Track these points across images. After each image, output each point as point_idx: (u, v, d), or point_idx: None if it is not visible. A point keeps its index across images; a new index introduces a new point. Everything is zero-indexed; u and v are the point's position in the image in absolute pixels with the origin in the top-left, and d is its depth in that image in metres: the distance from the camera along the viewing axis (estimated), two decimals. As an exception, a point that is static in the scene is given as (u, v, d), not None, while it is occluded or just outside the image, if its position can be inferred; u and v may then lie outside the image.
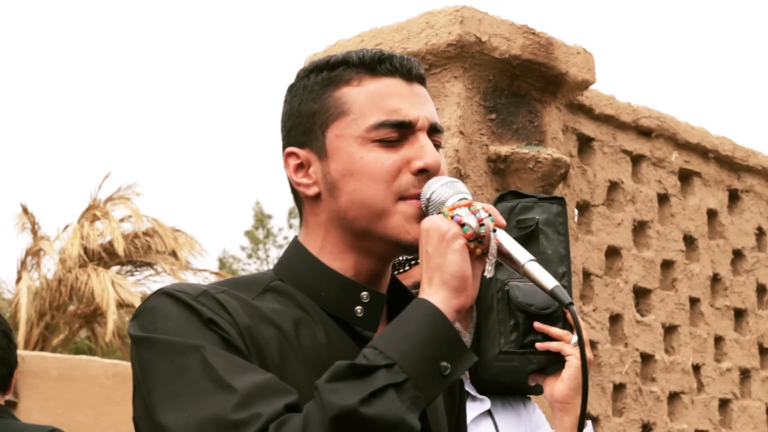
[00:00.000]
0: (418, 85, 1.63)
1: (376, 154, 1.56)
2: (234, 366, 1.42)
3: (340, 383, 1.38)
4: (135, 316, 1.51)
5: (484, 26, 4.36)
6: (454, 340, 1.44)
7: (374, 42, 4.46)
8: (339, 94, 1.59)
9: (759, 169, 5.98)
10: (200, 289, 1.50)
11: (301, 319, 1.54)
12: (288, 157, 1.62)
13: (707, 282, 5.71)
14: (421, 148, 1.57)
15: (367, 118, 1.57)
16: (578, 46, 4.70)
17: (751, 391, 5.84)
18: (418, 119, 1.58)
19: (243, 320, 1.48)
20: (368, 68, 1.60)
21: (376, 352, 1.41)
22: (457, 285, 1.47)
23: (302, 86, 1.63)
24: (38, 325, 16.57)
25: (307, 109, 1.61)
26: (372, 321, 1.57)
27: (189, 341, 1.44)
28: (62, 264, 16.64)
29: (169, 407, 1.41)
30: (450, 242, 1.47)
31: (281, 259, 1.64)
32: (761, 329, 5.96)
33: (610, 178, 5.31)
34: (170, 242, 17.15)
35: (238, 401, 1.38)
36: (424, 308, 1.45)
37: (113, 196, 17.45)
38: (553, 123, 4.69)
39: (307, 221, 1.63)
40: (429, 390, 1.41)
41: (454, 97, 4.37)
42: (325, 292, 1.57)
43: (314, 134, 1.59)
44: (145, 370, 1.45)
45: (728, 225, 5.86)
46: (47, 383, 8.10)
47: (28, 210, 17.31)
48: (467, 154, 4.37)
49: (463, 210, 1.50)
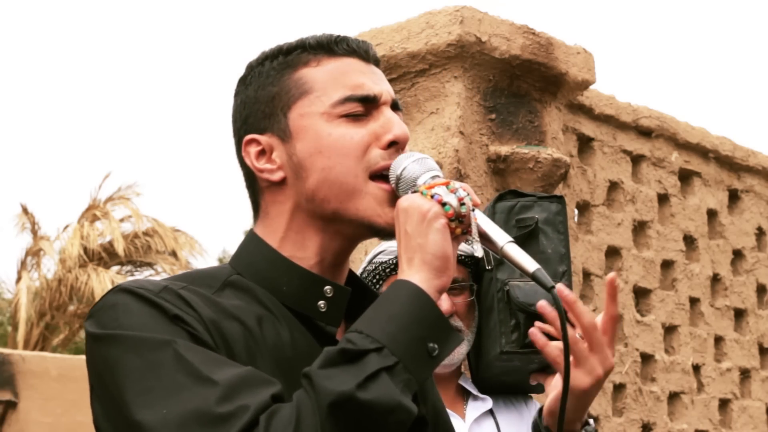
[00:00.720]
0: (375, 67, 1.62)
1: (344, 129, 1.53)
2: (209, 359, 1.37)
3: (332, 369, 1.34)
4: (92, 314, 1.45)
5: (484, 26, 4.36)
6: (439, 321, 1.42)
7: (374, 42, 4.46)
8: (298, 75, 1.57)
9: (759, 169, 5.98)
10: (160, 285, 1.45)
11: (263, 316, 1.49)
12: (247, 145, 1.58)
13: (707, 282, 5.71)
14: (389, 122, 1.55)
15: (331, 94, 1.54)
16: (578, 46, 4.70)
17: (751, 391, 5.84)
18: (381, 93, 1.57)
19: (208, 315, 1.43)
20: (326, 49, 1.58)
21: (362, 336, 1.37)
22: (439, 265, 1.44)
23: (257, 74, 1.60)
24: (38, 325, 16.57)
25: (265, 94, 1.57)
26: (335, 316, 1.54)
27: (158, 336, 1.38)
28: (62, 264, 16.64)
29: (143, 404, 1.35)
30: (431, 221, 1.45)
31: (238, 253, 1.59)
32: (761, 329, 5.96)
33: (610, 178, 5.31)
34: (170, 242, 17.16)
35: (221, 394, 1.33)
36: (407, 289, 1.41)
37: (113, 196, 17.46)
38: (553, 123, 4.69)
39: (266, 212, 1.58)
40: (419, 372, 1.38)
41: (454, 97, 4.37)
42: (286, 286, 1.53)
43: (275, 117, 1.56)
44: (112, 367, 1.39)
45: (728, 225, 5.86)
46: (47, 383, 8.09)
47: (28, 210, 17.32)
48: (467, 154, 4.37)
49: (441, 189, 1.48)
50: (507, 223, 2.66)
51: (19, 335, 16.12)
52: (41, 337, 16.70)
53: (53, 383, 8.09)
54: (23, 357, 8.18)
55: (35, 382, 8.04)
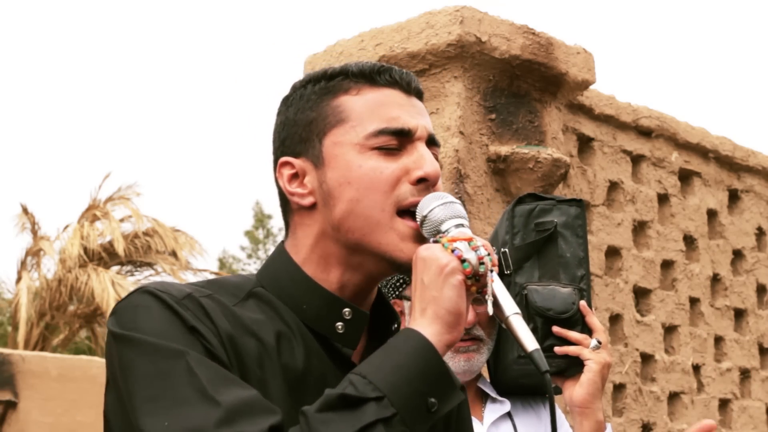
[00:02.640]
0: (416, 99, 1.61)
1: (375, 162, 1.53)
2: (218, 377, 1.39)
3: (330, 414, 1.35)
4: (115, 312, 1.47)
5: (484, 26, 4.36)
6: (443, 377, 1.42)
7: (374, 42, 4.46)
8: (337, 102, 1.57)
9: (759, 169, 5.98)
10: (185, 292, 1.47)
11: (282, 332, 1.51)
12: (282, 167, 1.59)
13: (707, 282, 5.71)
14: (421, 158, 1.55)
15: (366, 126, 1.54)
16: (578, 46, 4.70)
17: (751, 391, 5.84)
18: (417, 128, 1.56)
19: (226, 329, 1.45)
20: (368, 78, 1.58)
21: (365, 381, 1.38)
22: (451, 321, 1.44)
23: (298, 96, 1.60)
24: (38, 325, 16.56)
25: (304, 118, 1.58)
26: (352, 338, 1.54)
27: (173, 345, 1.40)
28: (62, 264, 16.63)
29: (148, 412, 1.37)
30: (448, 277, 1.44)
31: (265, 265, 1.61)
32: (761, 329, 5.96)
33: (610, 178, 5.31)
34: (170, 242, 17.15)
35: (221, 417, 1.34)
36: (416, 341, 1.42)
37: (113, 196, 17.46)
38: (553, 123, 4.69)
39: (294, 232, 1.59)
40: (416, 425, 1.38)
41: (454, 97, 4.37)
42: (306, 305, 1.54)
43: (311, 142, 1.57)
44: (125, 369, 1.41)
45: (728, 225, 5.86)
46: (47, 383, 8.09)
47: (28, 210, 17.31)
48: (467, 154, 4.37)
49: (463, 244, 1.47)
50: (526, 226, 2.66)
51: (19, 335, 16.12)
52: (41, 337, 16.69)
53: (53, 383, 8.10)
54: (23, 357, 8.19)
55: (35, 382, 8.04)
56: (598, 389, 2.49)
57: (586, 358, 2.49)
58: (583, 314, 2.56)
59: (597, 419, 2.51)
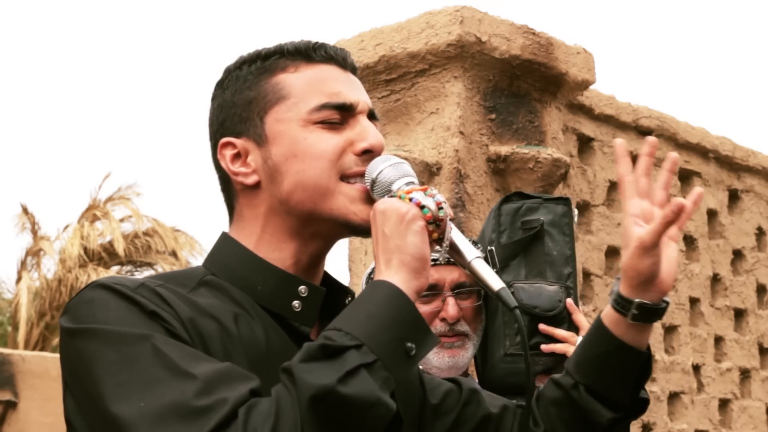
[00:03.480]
0: (352, 74, 1.62)
1: (318, 134, 1.54)
2: (187, 354, 1.37)
3: (313, 363, 1.35)
4: (67, 310, 1.44)
5: (484, 26, 4.36)
6: (417, 321, 1.43)
7: (374, 42, 4.46)
8: (276, 80, 1.58)
9: (759, 169, 5.98)
10: (137, 282, 1.46)
11: (239, 314, 1.50)
12: (223, 148, 1.59)
13: (707, 282, 5.71)
14: (364, 130, 1.57)
15: (308, 101, 1.55)
16: (578, 46, 4.70)
17: (751, 391, 5.84)
18: (358, 102, 1.58)
19: (185, 313, 1.44)
20: (304, 55, 1.59)
21: (341, 333, 1.38)
22: (417, 266, 1.45)
23: (234, 77, 1.61)
24: (38, 325, 16.57)
25: (242, 98, 1.58)
26: (309, 316, 1.54)
27: (136, 330, 1.38)
28: (62, 264, 16.64)
29: (120, 397, 1.34)
30: (410, 223, 1.46)
31: (211, 254, 1.60)
32: (761, 329, 5.96)
33: (610, 178, 5.31)
34: (170, 242, 17.16)
35: (199, 387, 1.33)
36: (386, 289, 1.43)
37: (113, 196, 17.47)
38: (553, 123, 4.69)
39: (241, 215, 1.59)
40: (397, 370, 1.39)
41: (454, 97, 4.37)
42: (261, 285, 1.53)
43: (251, 121, 1.57)
44: (88, 361, 1.38)
45: (728, 225, 5.86)
46: (47, 383, 8.09)
47: (28, 210, 17.33)
48: (467, 154, 4.37)
49: (419, 194, 1.49)
50: (512, 225, 2.66)
51: (19, 335, 16.12)
52: (41, 337, 16.70)
53: (53, 383, 8.09)
54: (23, 357, 8.18)
55: (35, 382, 8.04)
56: None
57: None
58: (570, 312, 2.56)
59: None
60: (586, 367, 1.66)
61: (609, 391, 1.65)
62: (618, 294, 1.62)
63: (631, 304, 1.60)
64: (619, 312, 1.62)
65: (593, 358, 1.65)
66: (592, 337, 1.65)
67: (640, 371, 1.65)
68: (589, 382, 1.65)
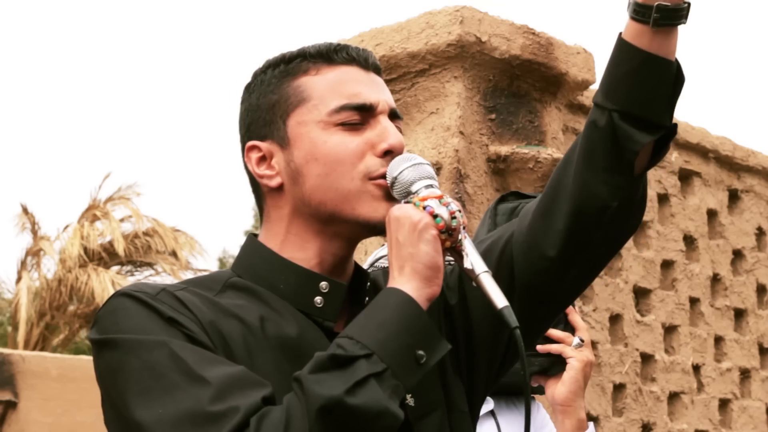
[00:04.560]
0: (375, 74, 1.63)
1: (339, 137, 1.56)
2: (203, 358, 1.41)
3: (322, 374, 1.37)
4: (95, 321, 1.50)
5: (484, 26, 4.36)
6: (428, 329, 1.45)
7: (374, 42, 4.46)
8: (297, 83, 1.60)
9: (759, 169, 5.98)
10: (158, 288, 1.50)
11: (266, 313, 1.53)
12: (249, 151, 1.62)
13: (707, 282, 5.71)
14: (385, 131, 1.57)
15: (328, 103, 1.57)
16: (578, 46, 4.70)
17: (751, 391, 5.84)
18: (378, 102, 1.59)
19: (205, 316, 1.47)
20: (325, 58, 1.61)
21: (352, 342, 1.40)
22: (429, 275, 1.47)
23: (259, 81, 1.64)
24: (38, 325, 16.57)
25: (266, 102, 1.61)
26: (331, 311, 1.56)
27: (154, 337, 1.43)
28: (62, 264, 16.64)
29: (141, 404, 1.40)
30: (422, 232, 1.47)
31: (238, 256, 1.63)
32: (761, 329, 5.96)
33: (610, 178, 5.31)
34: (170, 242, 17.16)
35: (213, 394, 1.37)
36: (397, 297, 1.45)
37: (113, 196, 17.47)
38: (553, 123, 4.69)
39: (269, 216, 1.62)
40: (407, 378, 1.41)
41: (454, 97, 4.37)
42: (283, 284, 1.56)
43: (275, 125, 1.60)
44: (114, 371, 1.44)
45: (728, 225, 5.86)
46: (47, 383, 8.10)
47: (28, 210, 17.32)
48: (467, 154, 4.37)
49: (433, 201, 1.50)
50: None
51: (19, 335, 16.12)
52: (41, 337, 16.70)
53: (53, 383, 8.10)
54: (23, 357, 8.19)
55: (35, 382, 8.05)
56: (580, 387, 2.49)
57: (568, 356, 2.48)
58: (566, 312, 2.56)
59: (579, 417, 2.50)
60: (615, 90, 1.53)
61: (644, 111, 1.52)
62: (635, 3, 1.52)
63: (650, 9, 1.50)
64: (640, 21, 1.52)
65: (621, 78, 1.53)
66: (615, 58, 1.55)
67: (673, 82, 1.54)
68: (622, 105, 1.53)
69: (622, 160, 1.54)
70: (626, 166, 1.55)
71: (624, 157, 1.54)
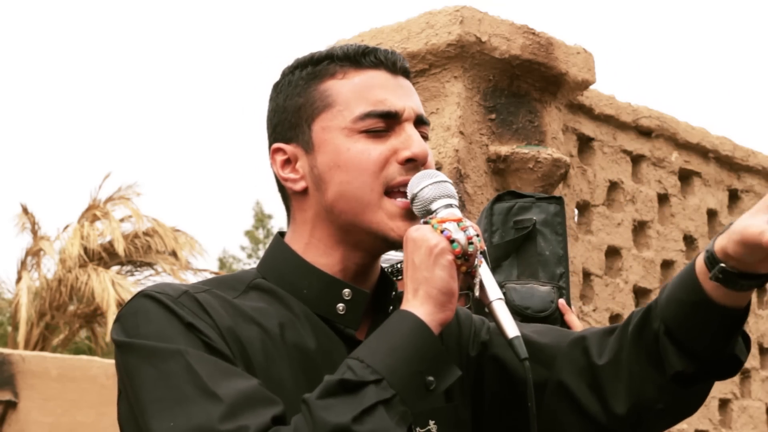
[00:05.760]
0: (403, 78, 1.61)
1: (363, 144, 1.54)
2: (217, 371, 1.41)
3: (330, 399, 1.37)
4: (117, 320, 1.50)
5: (484, 26, 4.36)
6: (439, 355, 1.44)
7: (374, 42, 4.46)
8: (324, 87, 1.58)
9: (759, 169, 5.98)
10: (181, 290, 1.49)
11: (286, 318, 1.53)
12: (275, 153, 1.61)
13: (707, 282, 5.71)
14: (408, 139, 1.55)
15: (353, 109, 1.55)
16: (578, 46, 4.70)
17: (751, 391, 5.84)
18: (404, 110, 1.57)
19: (224, 321, 1.47)
20: (353, 61, 1.58)
21: (363, 365, 1.39)
22: (443, 300, 1.45)
23: (287, 82, 1.62)
24: (38, 325, 16.56)
25: (293, 104, 1.59)
26: (353, 318, 1.55)
27: (171, 346, 1.43)
28: (62, 264, 16.63)
29: (154, 414, 1.40)
30: (438, 257, 1.46)
31: (264, 258, 1.63)
32: (761, 329, 5.96)
33: (610, 178, 5.31)
34: (170, 242, 17.15)
35: (224, 411, 1.37)
36: (410, 321, 1.44)
37: (113, 196, 17.46)
38: (553, 123, 4.69)
39: (294, 218, 1.61)
40: (415, 405, 1.40)
41: (454, 97, 4.37)
42: (307, 289, 1.56)
43: (300, 128, 1.58)
44: (131, 376, 1.45)
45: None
46: (47, 383, 8.09)
47: (28, 210, 17.31)
48: (467, 154, 4.37)
49: (452, 225, 1.49)
50: (505, 224, 2.65)
51: (19, 335, 16.12)
52: (41, 337, 16.69)
53: (53, 383, 8.09)
54: (23, 357, 8.18)
55: (35, 382, 8.04)
56: None
57: None
58: (562, 312, 2.55)
59: None
60: (668, 307, 1.50)
61: (688, 340, 1.48)
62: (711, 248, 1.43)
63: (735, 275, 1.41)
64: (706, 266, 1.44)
65: (677, 301, 1.49)
66: (681, 279, 1.50)
67: (729, 328, 1.47)
68: (669, 323, 1.50)
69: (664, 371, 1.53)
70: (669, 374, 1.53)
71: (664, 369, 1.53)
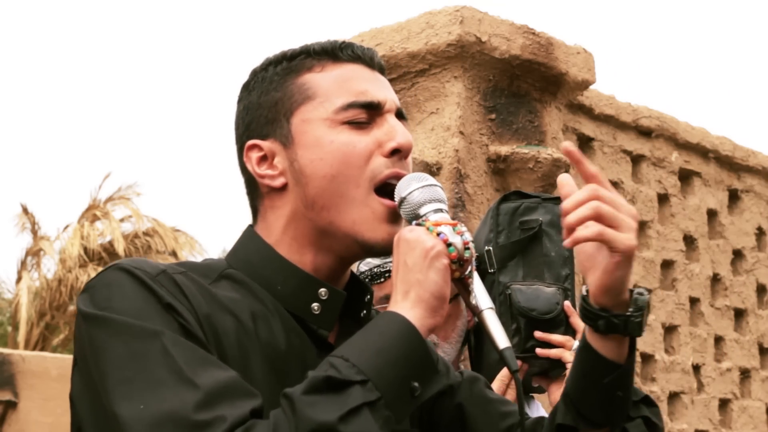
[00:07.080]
0: (380, 74, 1.59)
1: (346, 136, 1.50)
2: (195, 358, 1.34)
3: (315, 396, 1.32)
4: (86, 289, 1.42)
5: (484, 26, 4.36)
6: (426, 361, 1.39)
7: (374, 42, 4.46)
8: (302, 80, 1.54)
9: (759, 169, 5.98)
10: (159, 268, 1.43)
11: (258, 311, 1.48)
12: (249, 150, 1.55)
13: (707, 282, 5.71)
14: (392, 129, 1.52)
15: (335, 100, 1.52)
16: (578, 46, 4.70)
17: (751, 391, 5.84)
18: (386, 101, 1.54)
19: (202, 308, 1.41)
20: (330, 55, 1.56)
21: (348, 364, 1.34)
22: (435, 305, 1.41)
23: (260, 79, 1.58)
24: (38, 325, 16.57)
25: (269, 100, 1.55)
26: (328, 319, 1.51)
27: (148, 325, 1.35)
28: (62, 264, 16.64)
29: (122, 395, 1.32)
30: (434, 260, 1.41)
31: (234, 249, 1.57)
32: (761, 329, 5.96)
33: (610, 178, 5.31)
34: (170, 242, 17.16)
35: (200, 400, 1.30)
36: (399, 324, 1.39)
37: (113, 196, 17.47)
38: (553, 123, 4.69)
39: (264, 217, 1.56)
40: (399, 410, 1.36)
41: (454, 97, 4.37)
42: (281, 285, 1.51)
43: (278, 123, 1.54)
44: (97, 350, 1.36)
45: (728, 225, 5.86)
46: (47, 383, 8.09)
47: (28, 210, 17.32)
48: (467, 154, 4.37)
49: (447, 228, 1.44)
50: (511, 225, 2.64)
51: (19, 335, 16.12)
52: (41, 337, 16.70)
53: (53, 383, 8.09)
54: (23, 357, 8.18)
55: (35, 382, 8.04)
56: None
57: (567, 361, 2.45)
58: (567, 315, 2.54)
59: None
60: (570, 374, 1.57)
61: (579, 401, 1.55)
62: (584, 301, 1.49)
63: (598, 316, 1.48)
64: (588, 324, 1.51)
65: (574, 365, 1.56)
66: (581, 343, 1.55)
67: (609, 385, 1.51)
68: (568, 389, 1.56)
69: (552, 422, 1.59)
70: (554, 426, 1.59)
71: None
